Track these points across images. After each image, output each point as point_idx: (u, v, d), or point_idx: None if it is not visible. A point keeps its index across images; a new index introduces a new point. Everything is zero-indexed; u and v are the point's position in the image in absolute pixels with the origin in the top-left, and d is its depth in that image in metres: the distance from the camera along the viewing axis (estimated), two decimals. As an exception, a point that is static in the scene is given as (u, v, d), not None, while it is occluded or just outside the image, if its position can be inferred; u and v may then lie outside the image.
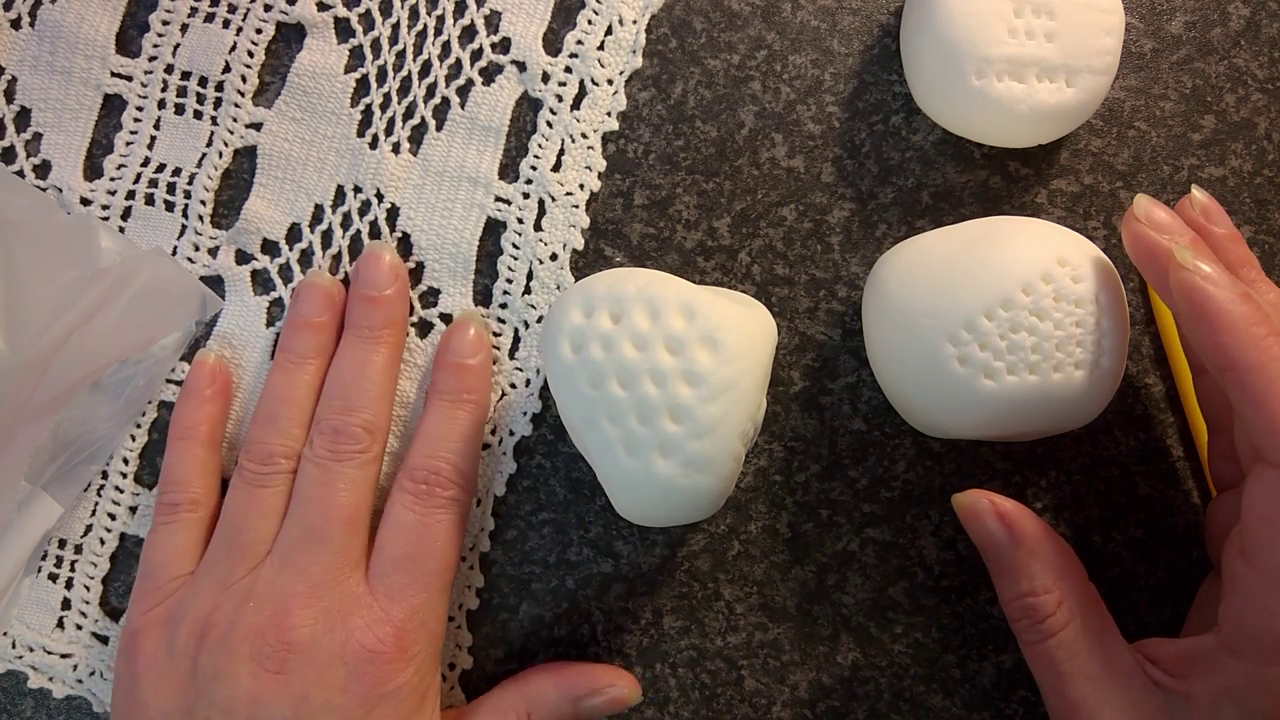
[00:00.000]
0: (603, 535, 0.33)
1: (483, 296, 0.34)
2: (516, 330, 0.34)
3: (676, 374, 0.26)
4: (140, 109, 0.35)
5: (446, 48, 0.35)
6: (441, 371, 0.33)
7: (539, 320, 0.34)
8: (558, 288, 0.34)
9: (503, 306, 0.34)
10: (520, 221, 0.34)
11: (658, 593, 0.33)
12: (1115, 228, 0.33)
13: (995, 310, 0.27)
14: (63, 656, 0.34)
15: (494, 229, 0.34)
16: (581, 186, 0.34)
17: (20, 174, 0.35)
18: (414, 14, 0.35)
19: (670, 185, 0.34)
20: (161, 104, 0.35)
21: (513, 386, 0.34)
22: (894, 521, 0.33)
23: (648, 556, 0.33)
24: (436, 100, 0.35)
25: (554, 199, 0.34)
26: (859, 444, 0.33)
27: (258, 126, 0.35)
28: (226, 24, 0.35)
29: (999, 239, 0.28)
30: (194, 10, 0.35)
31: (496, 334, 0.34)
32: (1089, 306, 0.27)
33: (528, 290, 0.34)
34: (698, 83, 0.34)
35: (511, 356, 0.34)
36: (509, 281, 0.34)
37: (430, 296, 0.34)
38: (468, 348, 0.33)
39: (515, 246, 0.34)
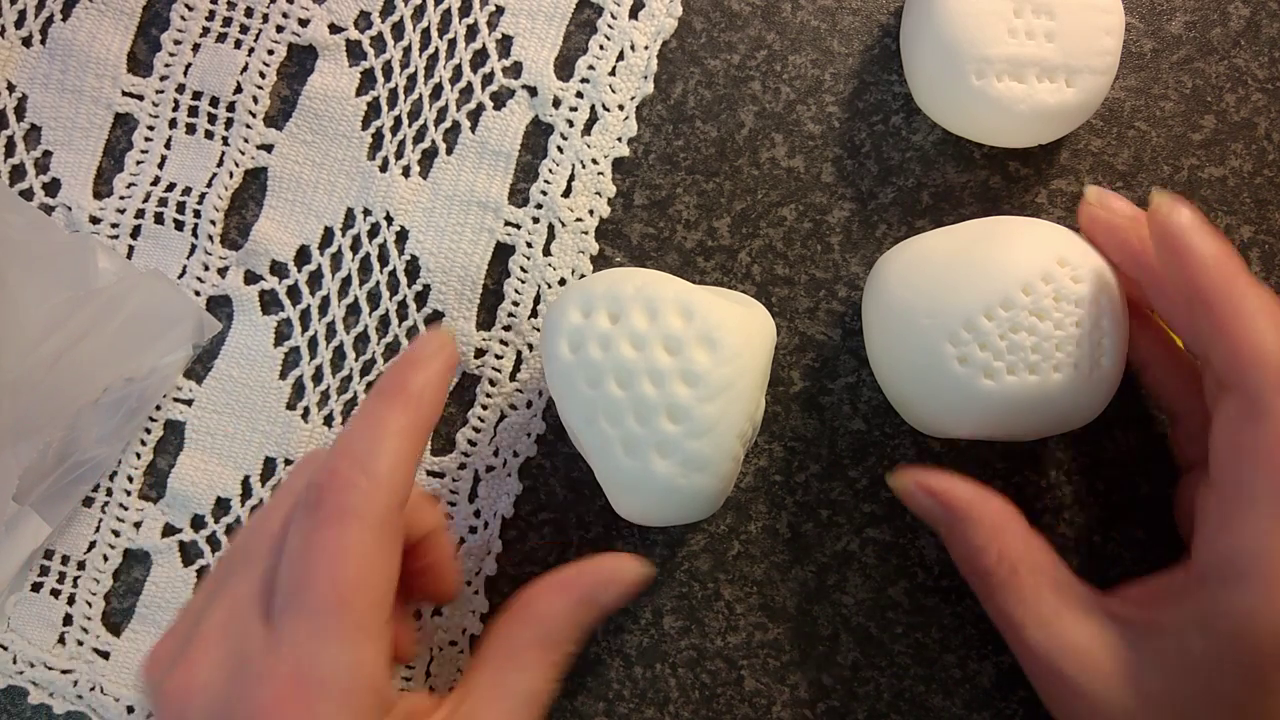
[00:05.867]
0: (603, 535, 0.33)
1: (487, 319, 0.34)
2: (520, 352, 0.34)
3: (674, 374, 0.26)
4: (151, 128, 0.35)
5: (458, 71, 0.35)
6: (383, 374, 0.28)
7: None
8: None
9: (506, 329, 0.34)
10: (529, 246, 0.34)
11: (658, 593, 0.33)
12: (1115, 228, 0.34)
13: (995, 310, 0.27)
14: (63, 672, 0.34)
15: (503, 253, 0.34)
16: (591, 212, 0.34)
17: (29, 192, 0.35)
18: (426, 38, 0.35)
19: (670, 185, 0.34)
20: (172, 124, 0.35)
21: (513, 408, 0.34)
22: (894, 521, 0.33)
23: (648, 556, 0.33)
24: (447, 124, 0.35)
25: (564, 224, 0.34)
26: (859, 444, 0.33)
27: (269, 148, 0.35)
28: (238, 45, 0.35)
29: (999, 239, 0.28)
30: (206, 30, 0.35)
31: (499, 356, 0.34)
32: (1089, 307, 0.27)
33: (534, 314, 0.34)
34: (698, 83, 0.34)
35: (512, 378, 0.34)
36: (515, 304, 0.34)
37: (435, 320, 0.34)
38: (421, 346, 0.27)
39: (523, 270, 0.34)
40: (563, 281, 0.34)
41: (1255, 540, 0.24)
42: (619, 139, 0.34)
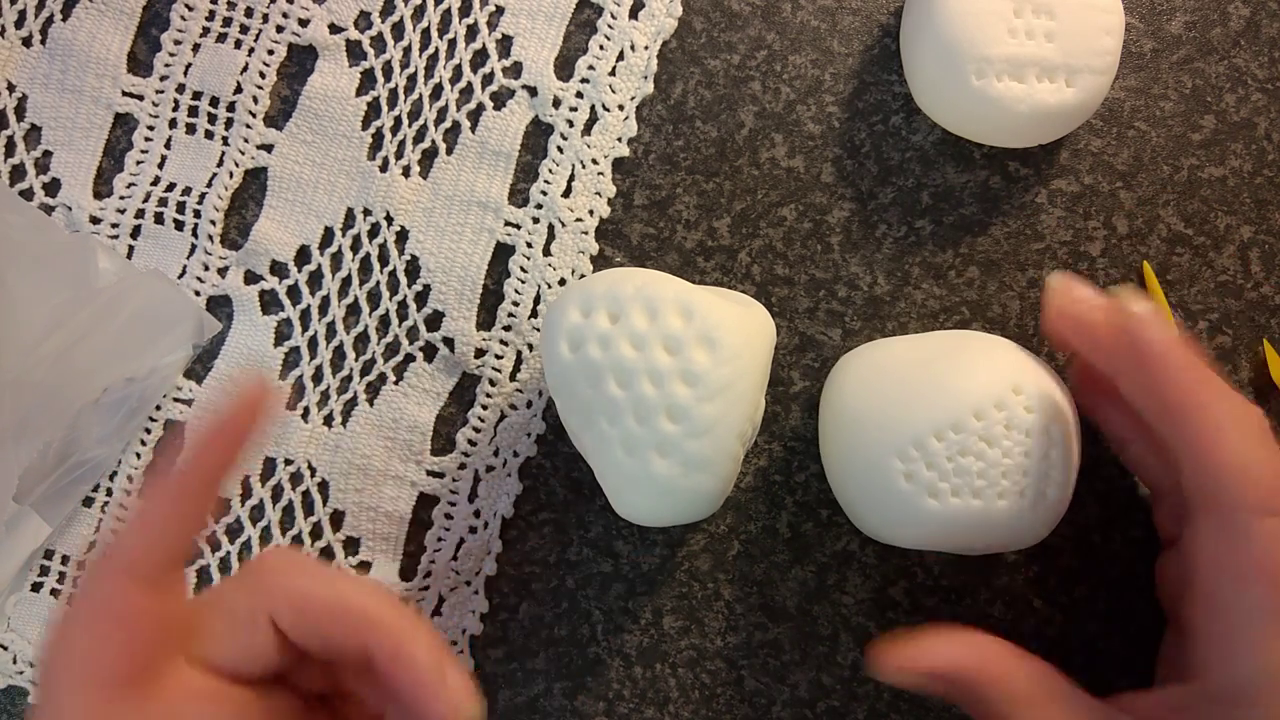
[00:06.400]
0: (603, 535, 0.33)
1: (487, 319, 0.34)
2: (520, 352, 0.34)
3: (674, 373, 0.26)
4: (151, 128, 0.35)
5: (458, 71, 0.35)
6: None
7: None
8: None
9: (506, 329, 0.34)
10: (529, 246, 0.34)
11: (658, 593, 0.33)
12: (1115, 228, 0.33)
13: (945, 432, 0.27)
14: None
15: (503, 253, 0.34)
16: (591, 213, 0.34)
17: (29, 192, 0.35)
18: (426, 37, 0.35)
19: (670, 185, 0.34)
20: (172, 124, 0.35)
21: (513, 408, 0.34)
22: (894, 521, 0.33)
23: (648, 556, 0.33)
24: (447, 124, 0.35)
25: (564, 224, 0.34)
26: (859, 444, 0.33)
27: (269, 148, 0.35)
28: (238, 45, 0.35)
29: (959, 359, 0.28)
30: (206, 30, 0.35)
31: (499, 356, 0.34)
32: (1039, 437, 0.27)
33: (534, 314, 0.34)
34: (698, 83, 0.34)
35: (512, 378, 0.34)
36: (515, 304, 0.34)
37: (435, 320, 0.34)
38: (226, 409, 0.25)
39: (523, 270, 0.34)
40: (563, 281, 0.34)
41: (1257, 662, 0.24)
42: (619, 139, 0.34)
